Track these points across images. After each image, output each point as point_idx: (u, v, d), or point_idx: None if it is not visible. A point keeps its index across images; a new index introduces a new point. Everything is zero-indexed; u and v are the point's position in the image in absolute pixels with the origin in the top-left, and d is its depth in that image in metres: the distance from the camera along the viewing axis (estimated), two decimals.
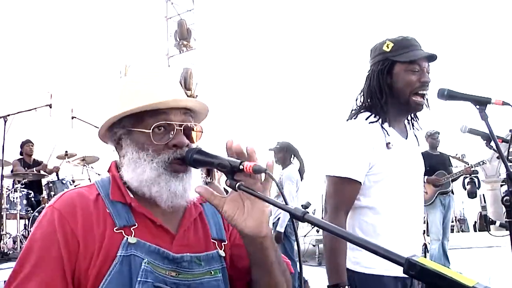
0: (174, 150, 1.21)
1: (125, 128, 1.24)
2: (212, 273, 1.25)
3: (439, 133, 6.58)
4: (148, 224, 1.22)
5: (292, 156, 6.07)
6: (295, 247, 5.81)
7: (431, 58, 1.98)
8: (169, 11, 16.57)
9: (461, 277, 0.73)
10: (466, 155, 6.61)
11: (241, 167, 1.06)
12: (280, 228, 5.58)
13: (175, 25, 16.29)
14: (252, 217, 1.12)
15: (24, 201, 7.04)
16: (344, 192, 1.93)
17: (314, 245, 8.97)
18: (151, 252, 1.18)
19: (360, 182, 1.93)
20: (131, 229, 1.18)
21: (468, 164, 6.34)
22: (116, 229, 1.17)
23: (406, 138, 2.09)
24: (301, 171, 6.03)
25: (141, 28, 16.05)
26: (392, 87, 1.98)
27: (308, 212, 0.94)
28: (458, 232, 15.81)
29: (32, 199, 7.23)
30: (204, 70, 16.48)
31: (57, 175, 7.42)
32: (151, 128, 1.20)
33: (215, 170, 3.60)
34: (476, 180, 7.79)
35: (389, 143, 1.95)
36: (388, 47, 1.99)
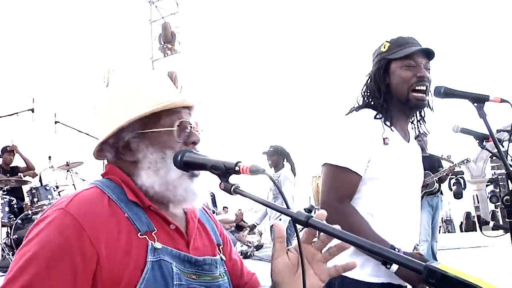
0: (192, 147, 1.21)
1: (135, 131, 1.19)
2: (223, 276, 1.27)
3: (425, 134, 6.57)
4: (165, 228, 1.19)
5: (285, 159, 6.31)
6: None
7: (428, 53, 1.93)
8: (153, 14, 16.47)
9: (486, 284, 0.67)
10: (456, 156, 6.61)
11: (237, 168, 1.02)
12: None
13: (159, 29, 16.19)
14: None
15: (6, 208, 6.85)
16: (344, 182, 1.85)
17: None
18: (173, 257, 1.16)
19: (360, 175, 1.85)
20: (152, 234, 1.15)
21: (452, 163, 6.35)
22: (140, 235, 1.12)
23: (408, 141, 2.03)
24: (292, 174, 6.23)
25: (125, 31, 15.91)
26: (389, 85, 1.94)
27: (312, 216, 0.87)
28: (445, 232, 15.91)
29: (15, 206, 7.05)
30: (189, 74, 16.41)
31: (40, 181, 7.25)
32: (176, 126, 1.20)
33: None
34: (462, 181, 7.84)
35: (386, 138, 1.88)
36: (385, 47, 1.97)
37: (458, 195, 8.49)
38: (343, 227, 1.36)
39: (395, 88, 1.93)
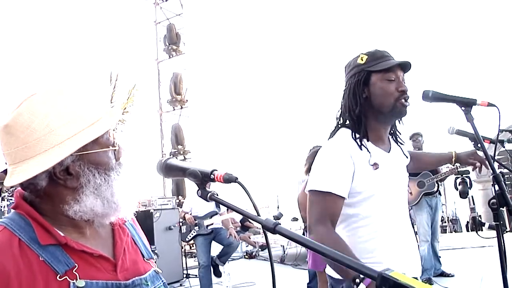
0: (119, 163, 1.20)
1: (73, 154, 1.08)
2: None
3: (420, 134, 6.53)
4: (87, 258, 1.11)
5: None
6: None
7: (405, 66, 1.97)
8: (158, 15, 16.54)
9: None
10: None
11: (212, 176, 1.07)
12: None
13: (164, 30, 16.27)
14: None
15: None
16: (326, 206, 1.87)
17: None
18: None
19: (344, 197, 1.88)
20: (74, 271, 1.06)
21: (454, 165, 6.29)
22: (59, 277, 1.03)
23: (389, 151, 2.05)
24: None
25: (130, 33, 16.05)
26: (370, 98, 1.96)
27: (279, 224, 0.91)
28: (451, 232, 15.83)
29: None
30: (194, 75, 16.49)
31: None
32: (111, 145, 1.16)
33: None
34: (467, 180, 7.78)
35: (375, 163, 1.92)
36: (362, 60, 1.99)
37: (464, 195, 8.40)
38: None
39: (377, 100, 1.95)
